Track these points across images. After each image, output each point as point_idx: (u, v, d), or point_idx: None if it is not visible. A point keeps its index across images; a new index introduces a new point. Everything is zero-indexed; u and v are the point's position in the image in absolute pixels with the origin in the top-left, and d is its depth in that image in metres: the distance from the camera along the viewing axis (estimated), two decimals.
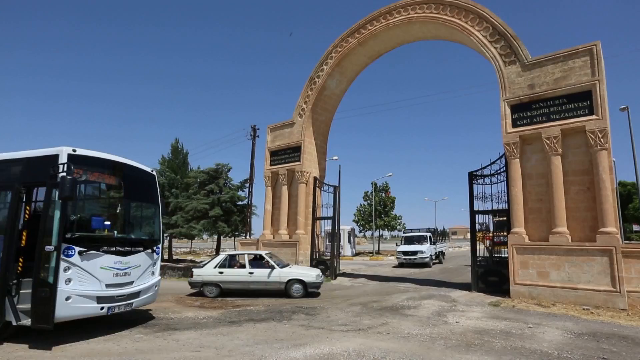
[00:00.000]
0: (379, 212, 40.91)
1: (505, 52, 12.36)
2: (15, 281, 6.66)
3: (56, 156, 6.84)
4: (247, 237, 24.47)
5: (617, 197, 15.95)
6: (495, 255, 13.06)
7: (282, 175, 18.31)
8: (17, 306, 6.56)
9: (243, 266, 12.07)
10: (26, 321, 6.47)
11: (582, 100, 10.81)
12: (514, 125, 11.89)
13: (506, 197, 12.27)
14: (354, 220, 42.57)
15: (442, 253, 28.25)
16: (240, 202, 26.93)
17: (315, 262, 17.17)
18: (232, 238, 29.29)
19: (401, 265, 23.62)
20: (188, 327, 7.77)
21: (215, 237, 27.02)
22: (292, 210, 18.03)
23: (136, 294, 7.63)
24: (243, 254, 12.52)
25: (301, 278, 11.64)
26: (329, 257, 17.08)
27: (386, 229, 43.69)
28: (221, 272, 11.87)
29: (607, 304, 9.70)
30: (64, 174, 6.46)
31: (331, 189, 17.74)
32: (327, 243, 18.74)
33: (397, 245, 27.78)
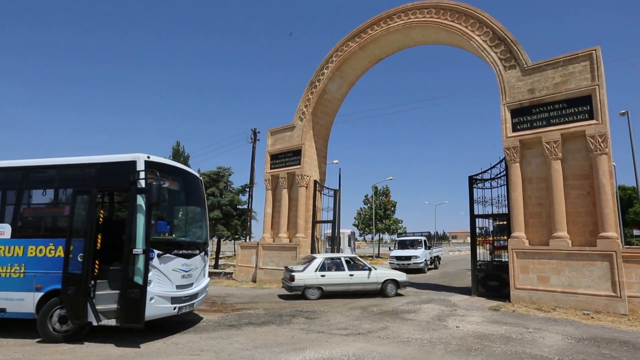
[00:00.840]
0: (379, 215, 40.91)
1: (505, 56, 12.41)
2: (92, 283, 6.92)
3: (134, 162, 7.16)
4: (247, 240, 24.44)
5: (618, 201, 15.95)
6: (496, 259, 13.05)
7: (282, 179, 18.33)
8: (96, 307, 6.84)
9: (340, 269, 12.64)
10: (108, 321, 6.79)
11: (582, 105, 10.84)
12: (514, 129, 11.91)
13: (506, 201, 12.28)
14: (354, 224, 42.57)
15: (438, 258, 27.14)
16: (240, 206, 26.93)
17: None
18: (232, 241, 29.22)
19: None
20: (187, 330, 7.75)
21: (214, 240, 27.02)
22: (292, 214, 18.03)
23: (195, 295, 7.89)
24: (340, 257, 13.17)
25: (395, 278, 12.83)
26: None
27: (386, 233, 43.66)
28: (323, 275, 12.33)
29: (607, 308, 9.67)
30: (149, 180, 6.92)
31: (331, 193, 17.75)
32: (327, 246, 18.74)
33: (390, 249, 27.13)
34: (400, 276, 13.00)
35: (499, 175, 12.85)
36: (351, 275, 12.47)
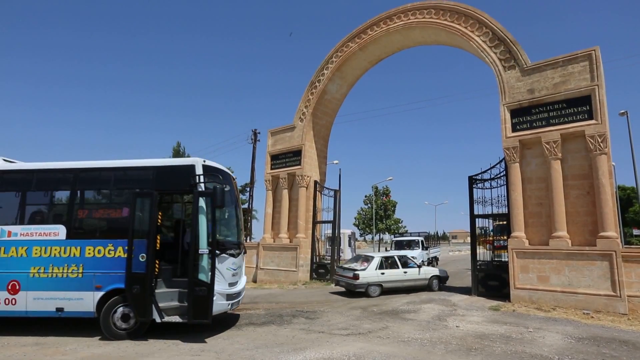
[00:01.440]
0: (379, 215, 40.93)
1: (505, 57, 12.44)
2: (154, 281, 7.24)
3: (193, 167, 7.52)
4: (248, 240, 24.46)
5: (617, 201, 15.97)
6: (496, 259, 13.07)
7: (282, 179, 18.35)
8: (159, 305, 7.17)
9: (395, 266, 13.43)
10: (171, 318, 7.14)
11: (581, 105, 10.86)
12: (514, 129, 11.94)
13: (506, 201, 12.30)
14: (354, 224, 42.59)
15: (436, 259, 26.60)
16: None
17: (315, 265, 17.17)
18: None
19: None
20: (188, 330, 7.77)
21: None
22: (292, 214, 18.05)
23: (240, 292, 8.19)
24: (393, 256, 14.08)
25: (438, 274, 14.13)
26: (329, 261, 17.07)
27: (387, 233, 43.70)
28: (383, 273, 13.01)
29: (607, 308, 9.69)
30: (213, 184, 7.33)
31: (331, 193, 17.77)
32: (328, 247, 18.73)
33: (386, 250, 26.95)
34: (442, 272, 14.45)
35: (498, 176, 12.87)
36: (405, 272, 13.37)
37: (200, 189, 7.29)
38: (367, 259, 13.40)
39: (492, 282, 12.53)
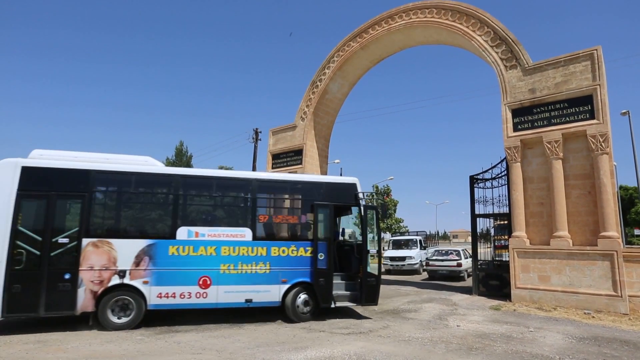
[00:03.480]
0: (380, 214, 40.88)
1: (506, 56, 12.42)
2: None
3: (354, 185, 9.44)
4: None
5: (619, 201, 15.94)
6: (497, 259, 13.07)
7: None
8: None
9: (466, 257, 17.72)
10: (342, 303, 8.93)
11: (583, 105, 10.84)
12: (515, 129, 11.92)
13: (507, 201, 12.29)
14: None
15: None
16: None
17: None
18: None
19: (388, 272, 21.10)
20: (189, 329, 7.78)
21: None
22: None
23: None
24: (465, 249, 18.30)
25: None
26: None
27: (388, 232, 43.68)
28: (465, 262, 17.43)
29: (608, 308, 9.69)
30: (378, 200, 10.02)
31: None
32: None
33: (384, 249, 26.64)
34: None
35: (500, 175, 12.87)
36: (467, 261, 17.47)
37: (364, 203, 9.21)
38: (457, 252, 17.98)
39: (493, 281, 12.54)
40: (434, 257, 18.55)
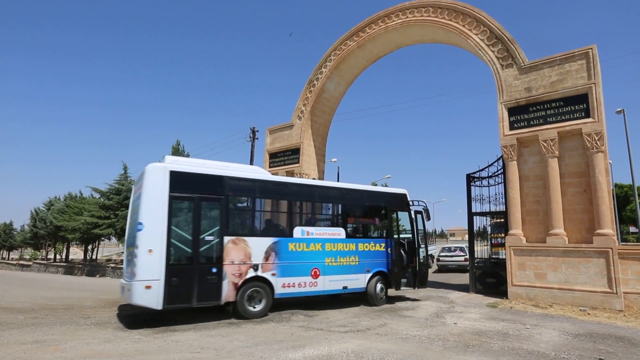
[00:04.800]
0: None
1: (503, 55, 12.47)
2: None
3: (405, 195, 11.77)
4: None
5: (614, 199, 16.06)
6: (493, 256, 13.13)
7: None
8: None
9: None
10: (404, 288, 11.25)
11: (578, 103, 10.92)
12: (512, 127, 11.99)
13: (504, 199, 12.36)
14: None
15: (432, 257, 25.71)
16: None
17: None
18: None
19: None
20: (188, 328, 7.78)
21: None
22: None
23: None
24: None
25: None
26: None
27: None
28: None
29: (603, 305, 9.77)
30: (420, 206, 11.85)
31: None
32: None
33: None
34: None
35: (496, 173, 12.93)
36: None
37: (414, 209, 11.60)
38: (462, 249, 19.91)
39: (489, 279, 12.61)
40: (443, 254, 21.41)
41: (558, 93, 11.24)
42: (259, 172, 10.07)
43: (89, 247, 41.82)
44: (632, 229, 32.47)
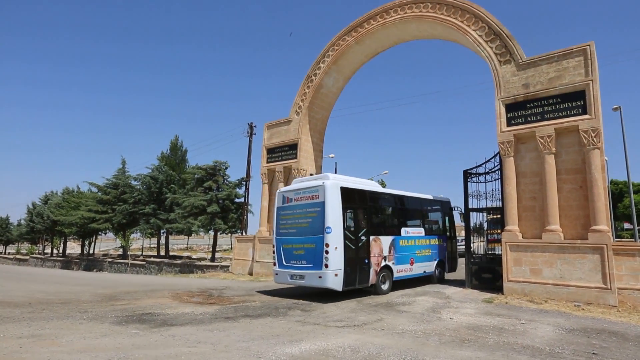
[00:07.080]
0: None
1: (501, 51, 12.46)
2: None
3: (449, 201, 15.61)
4: (243, 234, 24.48)
5: (609, 195, 16.14)
6: (489, 252, 13.20)
7: (278, 173, 18.34)
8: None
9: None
10: (448, 272, 15.08)
11: (575, 100, 10.94)
12: (509, 124, 12.00)
13: (500, 195, 12.41)
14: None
15: None
16: (237, 200, 26.96)
17: None
18: (229, 235, 29.20)
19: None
20: (184, 322, 7.80)
21: (212, 233, 27.05)
22: None
23: None
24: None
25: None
26: None
27: None
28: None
29: (598, 300, 9.86)
30: (456, 211, 15.35)
31: None
32: None
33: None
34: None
35: (493, 170, 12.96)
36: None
37: (454, 212, 15.46)
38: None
39: (485, 274, 12.69)
40: None
41: (555, 89, 11.25)
42: (377, 186, 13.19)
43: (86, 241, 41.78)
44: (627, 225, 32.70)
